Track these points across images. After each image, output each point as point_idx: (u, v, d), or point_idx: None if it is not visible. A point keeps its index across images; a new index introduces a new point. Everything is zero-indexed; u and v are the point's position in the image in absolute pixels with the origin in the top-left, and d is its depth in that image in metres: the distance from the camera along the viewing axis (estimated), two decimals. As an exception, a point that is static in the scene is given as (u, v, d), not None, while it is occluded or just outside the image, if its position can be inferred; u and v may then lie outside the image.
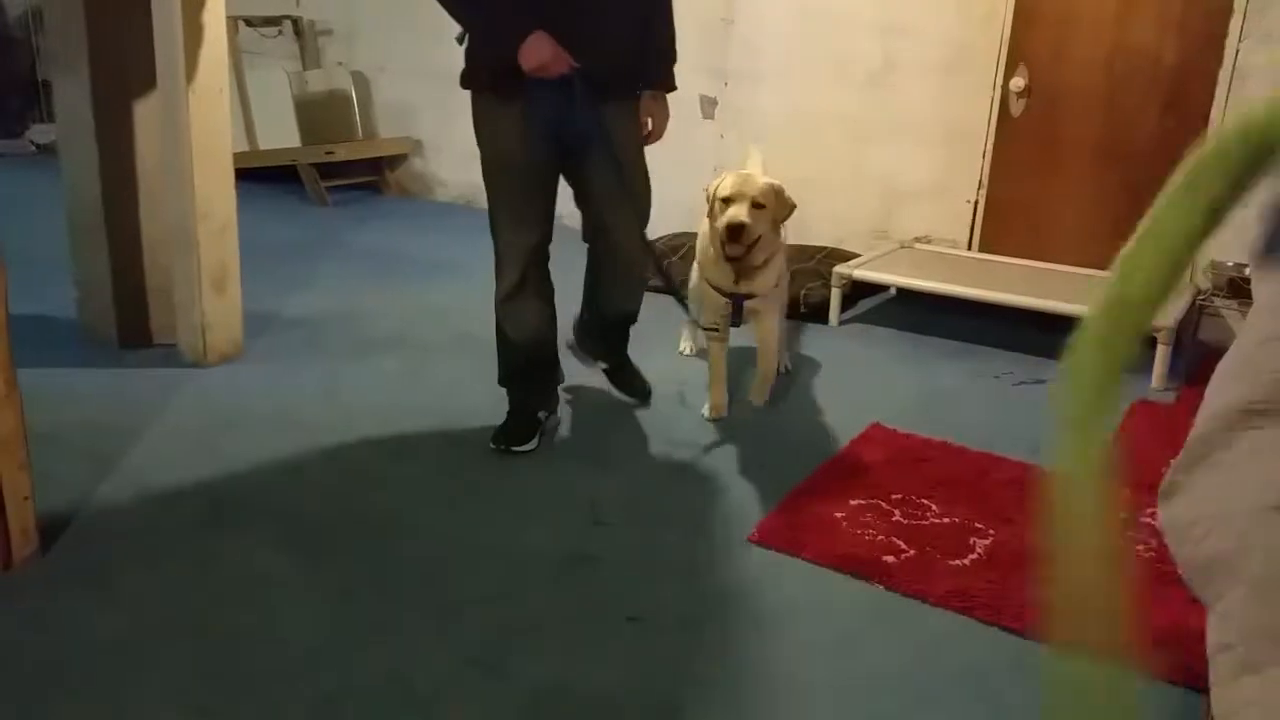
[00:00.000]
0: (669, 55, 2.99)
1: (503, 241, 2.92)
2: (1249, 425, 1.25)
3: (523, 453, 2.98)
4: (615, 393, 3.42)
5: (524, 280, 2.92)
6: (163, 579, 2.28)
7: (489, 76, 2.75)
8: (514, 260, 2.90)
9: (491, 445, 2.97)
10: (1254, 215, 1.68)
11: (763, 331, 3.38)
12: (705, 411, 3.31)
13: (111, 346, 3.64)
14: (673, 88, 3.01)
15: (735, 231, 3.02)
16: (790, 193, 3.17)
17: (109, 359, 3.59)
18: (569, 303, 3.25)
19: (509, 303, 2.96)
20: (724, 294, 3.22)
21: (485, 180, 2.88)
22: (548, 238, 2.95)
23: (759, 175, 3.18)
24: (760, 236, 3.09)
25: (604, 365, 3.44)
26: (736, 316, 3.30)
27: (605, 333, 3.33)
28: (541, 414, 3.10)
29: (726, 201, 3.07)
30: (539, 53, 2.61)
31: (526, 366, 3.06)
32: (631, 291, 3.20)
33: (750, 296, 3.23)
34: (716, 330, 3.28)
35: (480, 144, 2.86)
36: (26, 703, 1.87)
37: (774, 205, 3.12)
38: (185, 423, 3.11)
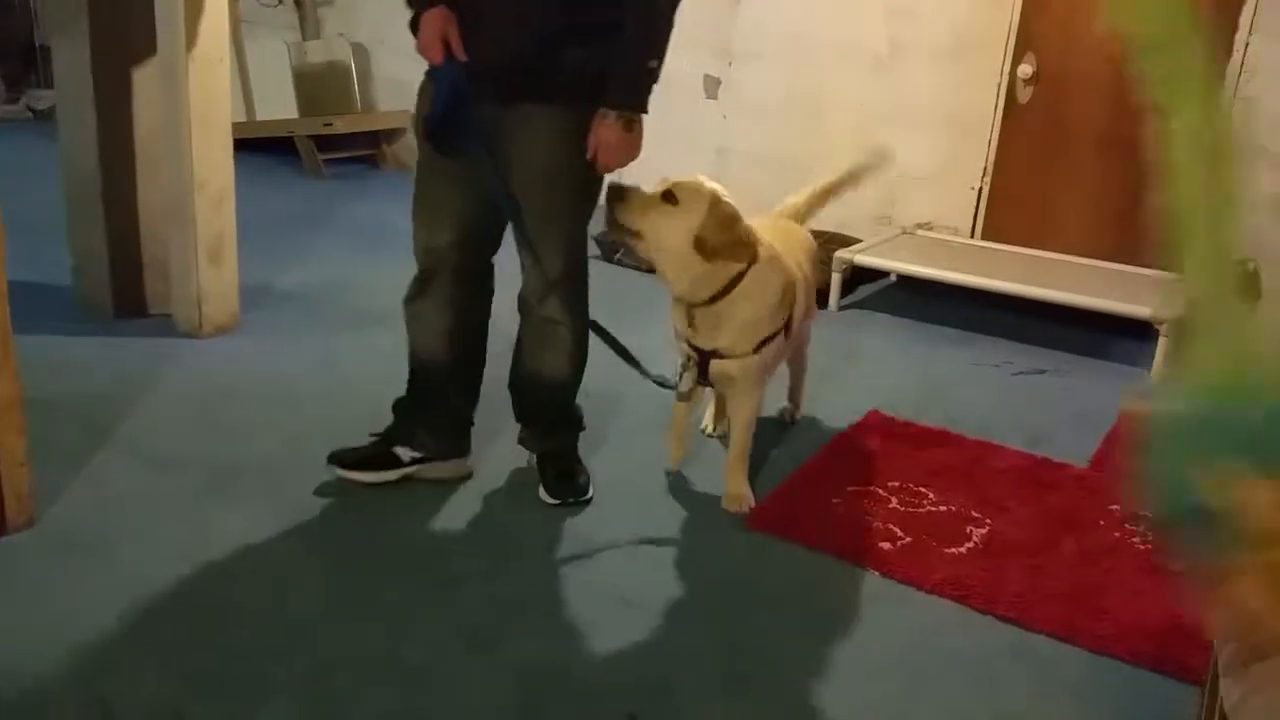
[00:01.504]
0: (641, 67, 2.25)
1: (413, 232, 2.51)
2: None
3: (356, 481, 2.57)
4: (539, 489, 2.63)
5: (429, 282, 2.49)
6: (157, 548, 2.27)
7: None
8: (419, 255, 2.50)
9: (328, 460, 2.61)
10: (1267, 212, 1.68)
11: (731, 410, 2.69)
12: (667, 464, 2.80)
13: (106, 316, 3.62)
14: (636, 109, 2.27)
15: (613, 191, 2.38)
16: (794, 176, 3.03)
17: (104, 328, 3.56)
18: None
19: (409, 304, 2.55)
20: (688, 344, 2.57)
21: None
22: (469, 240, 2.44)
23: (711, 183, 2.47)
24: (658, 243, 2.40)
25: (527, 447, 2.71)
26: (704, 379, 2.60)
27: (518, 395, 2.65)
28: (402, 450, 2.58)
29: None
30: (420, 35, 2.25)
31: (416, 383, 2.61)
32: (541, 352, 2.52)
33: (715, 355, 2.52)
34: (673, 385, 2.61)
35: None
36: (19, 670, 1.86)
37: (702, 214, 2.38)
38: (180, 393, 3.09)
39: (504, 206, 2.35)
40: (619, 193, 2.39)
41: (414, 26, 2.30)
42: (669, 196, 2.40)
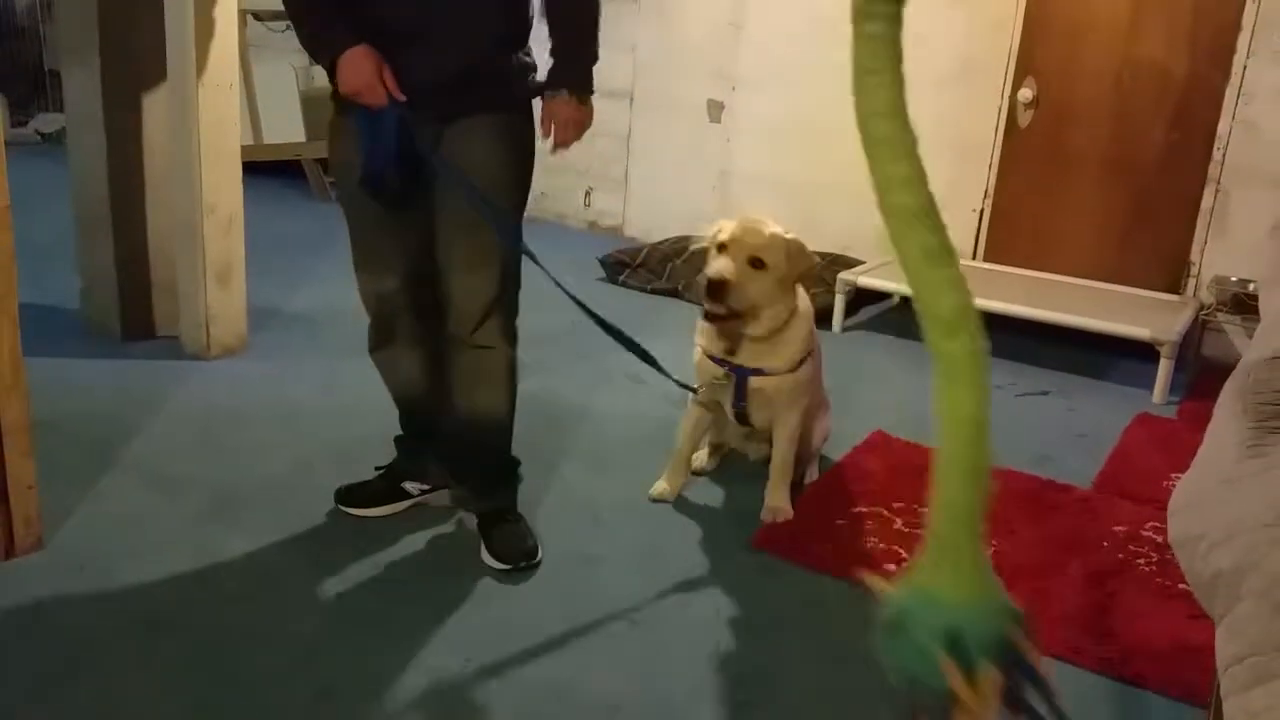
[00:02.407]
0: (583, 52, 2.32)
1: (358, 282, 2.47)
2: (1259, 441, 1.26)
3: (357, 515, 2.58)
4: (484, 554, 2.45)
5: (388, 328, 2.46)
6: (163, 571, 2.28)
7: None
8: (370, 305, 2.47)
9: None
10: (1266, 233, 1.70)
11: (775, 430, 2.73)
12: (651, 491, 2.79)
13: (114, 338, 3.64)
14: (586, 90, 2.32)
15: (715, 289, 2.48)
16: (797, 199, 3.04)
17: (112, 350, 3.59)
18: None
19: (376, 353, 2.52)
20: (716, 362, 2.65)
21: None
22: (418, 275, 2.38)
23: (771, 224, 2.57)
24: (757, 304, 2.53)
25: (463, 505, 2.58)
26: (741, 400, 2.67)
27: (453, 447, 2.52)
28: (410, 485, 2.61)
29: (721, 249, 2.53)
30: (354, 77, 2.12)
31: (410, 423, 2.61)
32: (475, 387, 2.40)
33: (757, 373, 2.62)
34: (695, 392, 2.71)
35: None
36: (25, 692, 1.87)
37: (784, 263, 2.54)
38: (188, 416, 3.11)
39: (486, 214, 2.23)
40: (719, 289, 2.48)
41: (331, 71, 2.18)
42: (756, 263, 2.51)
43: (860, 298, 4.65)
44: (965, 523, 1.22)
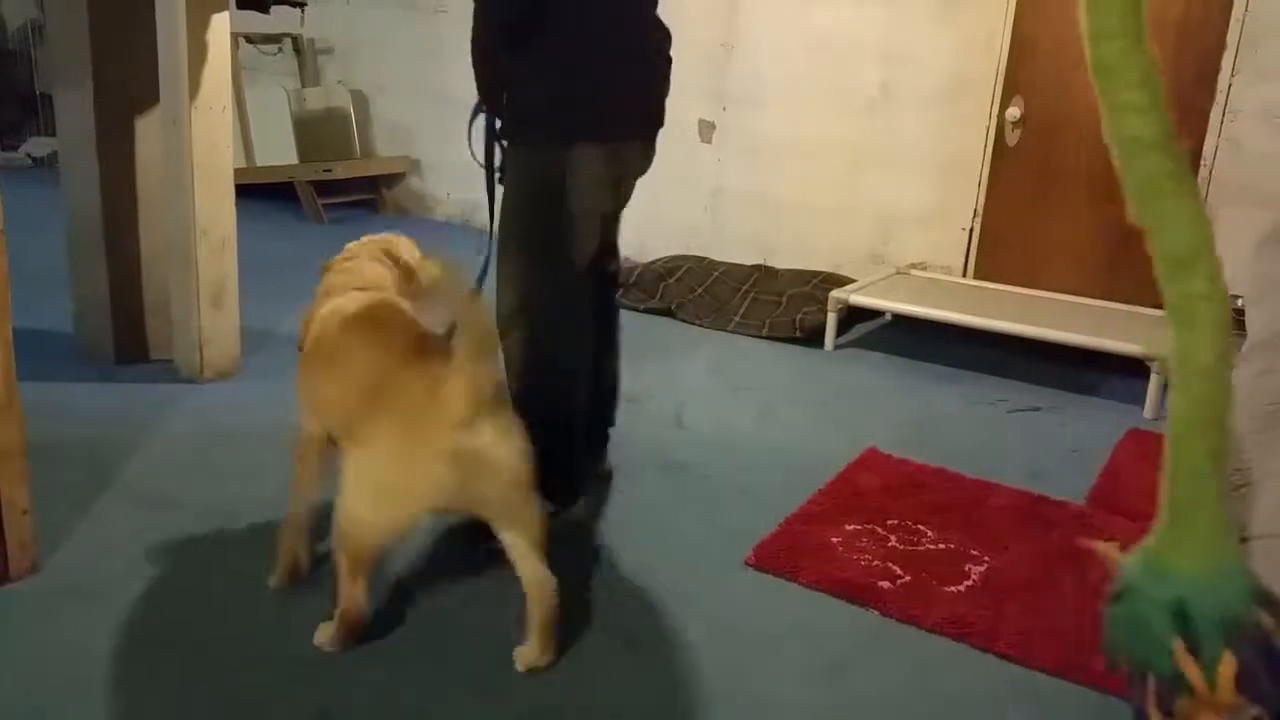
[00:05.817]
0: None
1: None
2: (1245, 456, 1.28)
3: None
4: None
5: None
6: (157, 592, 2.27)
7: None
8: None
9: None
10: (1251, 250, 1.72)
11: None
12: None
13: (108, 361, 3.64)
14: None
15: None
16: (789, 218, 3.02)
17: (105, 374, 3.58)
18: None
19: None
20: None
21: None
22: None
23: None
24: None
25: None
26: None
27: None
28: None
29: None
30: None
31: None
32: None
33: None
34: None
35: None
36: (21, 718, 1.86)
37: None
38: (182, 438, 3.11)
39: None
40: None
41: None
42: None
43: (852, 316, 4.67)
44: (1203, 484, 1.06)
